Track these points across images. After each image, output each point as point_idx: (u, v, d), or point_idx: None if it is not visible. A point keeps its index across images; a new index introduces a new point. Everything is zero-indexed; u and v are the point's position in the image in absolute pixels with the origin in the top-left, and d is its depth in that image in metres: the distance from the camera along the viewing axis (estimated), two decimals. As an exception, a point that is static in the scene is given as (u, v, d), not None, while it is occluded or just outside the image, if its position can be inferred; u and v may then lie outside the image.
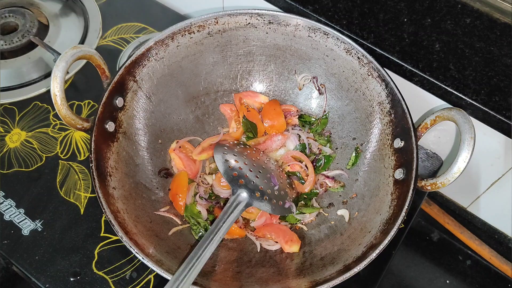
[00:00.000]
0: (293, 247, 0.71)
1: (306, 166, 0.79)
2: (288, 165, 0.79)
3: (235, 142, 0.80)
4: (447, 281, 0.84)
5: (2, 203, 0.75)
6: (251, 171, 0.71)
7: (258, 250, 0.72)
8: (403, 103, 0.69)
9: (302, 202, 0.77)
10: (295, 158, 0.80)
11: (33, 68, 0.91)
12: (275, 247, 0.72)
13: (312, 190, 0.78)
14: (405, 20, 0.78)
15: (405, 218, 0.62)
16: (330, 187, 0.78)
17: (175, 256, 0.65)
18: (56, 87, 0.63)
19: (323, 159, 0.80)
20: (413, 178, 0.64)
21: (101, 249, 0.72)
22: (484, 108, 0.69)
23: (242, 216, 0.75)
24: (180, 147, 0.80)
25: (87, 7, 1.00)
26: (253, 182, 0.70)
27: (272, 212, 0.69)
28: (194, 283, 0.58)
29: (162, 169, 0.77)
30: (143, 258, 0.59)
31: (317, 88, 0.83)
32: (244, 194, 0.68)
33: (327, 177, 0.79)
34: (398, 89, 0.71)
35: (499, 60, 0.73)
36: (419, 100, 0.79)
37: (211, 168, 0.80)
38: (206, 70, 0.82)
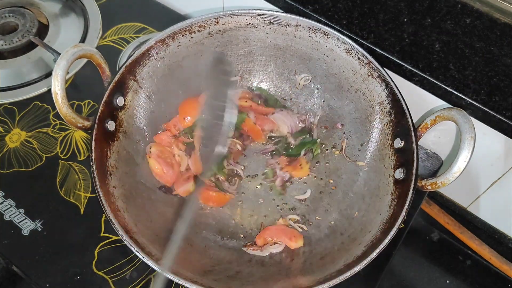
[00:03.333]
0: (298, 241, 0.71)
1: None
2: None
3: None
4: (447, 281, 0.84)
5: (2, 203, 0.75)
6: None
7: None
8: (403, 103, 0.69)
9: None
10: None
11: (33, 68, 0.91)
12: (280, 248, 0.71)
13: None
14: (405, 20, 0.78)
15: (405, 218, 0.62)
16: None
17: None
18: (57, 86, 0.63)
19: None
20: (413, 178, 0.64)
21: (101, 249, 0.72)
22: (484, 108, 0.69)
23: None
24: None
25: (87, 7, 1.00)
26: None
27: None
28: (194, 282, 0.58)
29: (163, 168, 0.77)
30: (143, 257, 0.58)
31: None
32: None
33: None
34: (398, 89, 0.71)
35: (499, 60, 0.73)
36: (419, 100, 0.79)
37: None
38: (206, 70, 0.82)
